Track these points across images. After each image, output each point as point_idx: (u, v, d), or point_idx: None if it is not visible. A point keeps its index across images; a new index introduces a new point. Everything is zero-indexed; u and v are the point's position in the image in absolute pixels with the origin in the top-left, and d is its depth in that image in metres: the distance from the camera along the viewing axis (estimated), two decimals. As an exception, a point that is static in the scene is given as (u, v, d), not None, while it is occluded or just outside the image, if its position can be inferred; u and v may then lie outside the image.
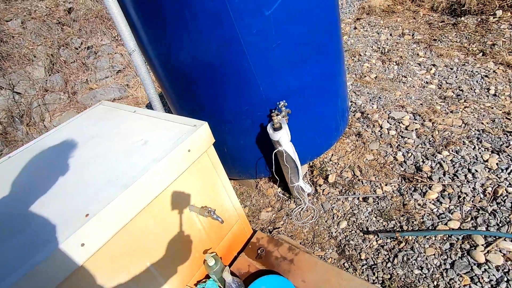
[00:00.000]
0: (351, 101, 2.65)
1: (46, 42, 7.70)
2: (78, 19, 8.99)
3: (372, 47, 3.52)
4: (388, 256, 1.45)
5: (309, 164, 2.20)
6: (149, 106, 4.77)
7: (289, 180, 1.87)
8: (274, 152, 1.72)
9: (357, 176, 1.95)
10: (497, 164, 1.68)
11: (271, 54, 1.57)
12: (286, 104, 1.65)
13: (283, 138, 1.64)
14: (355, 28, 4.11)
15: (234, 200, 1.49)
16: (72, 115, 7.11)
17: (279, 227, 1.82)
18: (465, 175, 1.68)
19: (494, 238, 1.36)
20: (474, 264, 1.30)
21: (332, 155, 2.17)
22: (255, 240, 1.59)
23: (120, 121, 1.50)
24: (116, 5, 1.60)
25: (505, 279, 1.22)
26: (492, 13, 3.18)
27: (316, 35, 1.67)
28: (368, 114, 2.39)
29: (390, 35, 3.64)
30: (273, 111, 1.68)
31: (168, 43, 1.61)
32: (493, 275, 1.25)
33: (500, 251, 1.32)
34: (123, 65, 8.29)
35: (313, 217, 1.81)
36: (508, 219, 1.42)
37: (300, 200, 1.93)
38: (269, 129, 1.65)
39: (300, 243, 1.68)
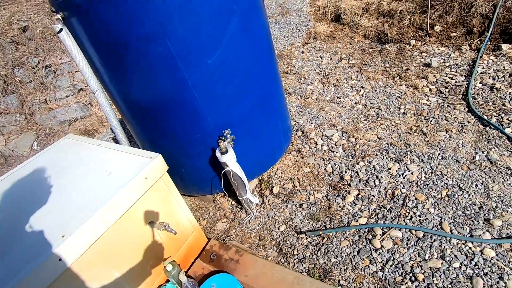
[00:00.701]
0: (294, 121, 3.09)
1: (-1, 62, 7.46)
2: (35, 38, 8.80)
3: (315, 70, 4.04)
4: (314, 250, 1.84)
5: (259, 178, 2.57)
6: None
7: (238, 193, 2.21)
8: (223, 171, 2.06)
9: (296, 187, 2.35)
10: (396, 171, 2.16)
11: (215, 91, 1.93)
12: (230, 132, 2.01)
13: (229, 160, 1.99)
14: (303, 52, 4.65)
15: (188, 215, 1.80)
16: (30, 137, 6.95)
17: (231, 235, 2.15)
18: (374, 181, 2.14)
19: (388, 229, 1.80)
20: (373, 250, 1.73)
21: (277, 169, 2.56)
22: (209, 247, 1.90)
23: (86, 154, 1.76)
24: (79, 52, 1.87)
25: (392, 258, 1.66)
26: (407, 42, 3.84)
27: (251, 73, 2.05)
28: (307, 132, 2.83)
29: (331, 59, 4.20)
30: (221, 137, 2.04)
31: (128, 85, 1.91)
32: (385, 256, 1.68)
33: (391, 238, 1.76)
34: (85, 83, 8.21)
35: (259, 224, 2.16)
36: (399, 213, 1.87)
37: (250, 210, 2.28)
38: (217, 153, 1.99)
39: (248, 247, 2.02)
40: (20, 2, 9.92)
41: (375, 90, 3.24)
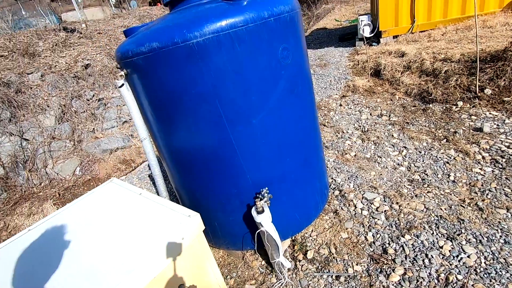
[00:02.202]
0: (331, 178, 2.98)
1: (61, 93, 8.40)
2: (94, 74, 9.89)
3: (354, 125, 3.98)
4: (353, 338, 1.62)
5: (291, 238, 2.43)
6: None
7: (270, 256, 2.09)
8: (257, 232, 1.97)
9: (333, 254, 2.17)
10: (449, 251, 1.93)
11: (257, 150, 1.93)
12: (268, 191, 1.96)
13: (265, 220, 1.91)
14: (341, 105, 4.65)
15: (219, 279, 1.70)
16: (75, 162, 7.44)
17: (259, 302, 1.99)
18: (423, 260, 1.91)
19: (443, 325, 1.55)
20: None
21: (312, 230, 2.41)
22: (236, 316, 1.76)
23: (127, 203, 1.79)
24: (135, 104, 2.01)
25: None
26: (454, 103, 3.69)
27: (294, 133, 2.05)
28: (345, 193, 2.70)
29: (370, 114, 4.14)
30: (258, 195, 1.99)
31: (174, 137, 1.98)
32: None
33: (447, 338, 1.50)
34: (129, 116, 8.87)
35: (291, 293, 1.99)
36: (456, 306, 1.62)
37: (281, 274, 2.12)
38: (253, 212, 1.93)
39: (277, 320, 1.84)
40: (87, 44, 11.37)
41: (420, 152, 3.08)
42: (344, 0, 14.92)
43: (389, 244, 2.10)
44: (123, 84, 1.92)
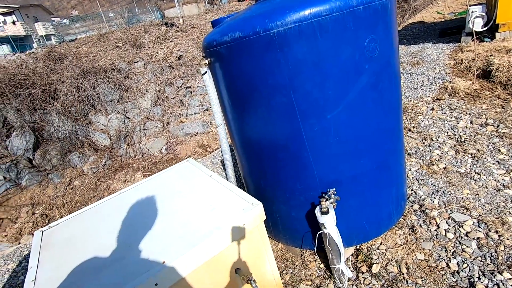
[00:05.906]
0: (412, 190, 2.63)
1: (157, 80, 9.57)
2: (185, 64, 10.95)
3: (447, 133, 3.43)
4: None
5: (356, 247, 2.25)
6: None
7: (331, 261, 1.98)
8: (319, 233, 1.89)
9: (403, 274, 1.93)
10: None
11: (328, 147, 1.82)
12: (335, 192, 1.85)
13: (328, 222, 1.81)
14: (433, 109, 4.06)
15: (274, 271, 1.69)
16: (162, 142, 8.42)
17: (313, 305, 1.91)
18: (527, 308, 1.53)
19: None
20: None
21: (381, 243, 2.19)
22: (287, 313, 1.73)
23: (198, 183, 1.92)
24: (215, 91, 2.12)
25: None
26: None
27: (372, 134, 1.86)
28: (426, 208, 2.35)
29: (471, 122, 3.50)
30: (324, 195, 1.89)
31: (246, 125, 2.03)
32: None
33: None
34: (210, 104, 9.61)
35: (348, 304, 1.85)
36: None
37: (340, 283, 1.99)
38: (317, 211, 1.85)
39: (330, 329, 1.74)
40: (182, 37, 12.60)
41: (537, 174, 2.46)
42: (451, -11, 12.90)
43: (479, 278, 1.75)
44: (205, 72, 2.05)
